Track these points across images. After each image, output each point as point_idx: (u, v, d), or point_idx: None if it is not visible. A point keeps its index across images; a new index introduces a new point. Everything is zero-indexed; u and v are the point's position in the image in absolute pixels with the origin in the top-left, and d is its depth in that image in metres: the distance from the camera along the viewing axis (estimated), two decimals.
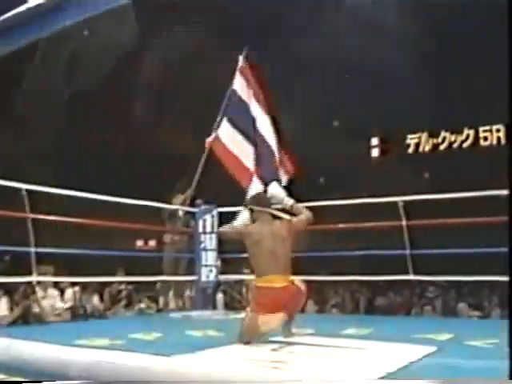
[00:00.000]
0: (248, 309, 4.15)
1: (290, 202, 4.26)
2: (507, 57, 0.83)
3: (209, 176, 7.53)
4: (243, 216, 4.18)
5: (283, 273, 4.05)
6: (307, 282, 4.25)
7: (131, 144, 13.21)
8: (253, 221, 4.15)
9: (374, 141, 16.12)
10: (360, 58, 14.38)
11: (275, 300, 3.95)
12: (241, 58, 7.24)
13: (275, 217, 4.22)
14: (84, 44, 12.95)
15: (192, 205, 7.40)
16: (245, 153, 6.99)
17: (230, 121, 7.09)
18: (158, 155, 12.74)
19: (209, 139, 7.12)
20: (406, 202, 6.08)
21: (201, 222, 7.20)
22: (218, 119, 7.12)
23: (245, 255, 4.27)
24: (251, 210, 4.18)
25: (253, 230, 4.12)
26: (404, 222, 6.01)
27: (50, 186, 5.77)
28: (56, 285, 6.13)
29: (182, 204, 7.39)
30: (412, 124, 14.91)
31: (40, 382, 1.21)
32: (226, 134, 7.07)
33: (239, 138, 7.03)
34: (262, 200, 4.26)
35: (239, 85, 7.18)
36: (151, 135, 13.13)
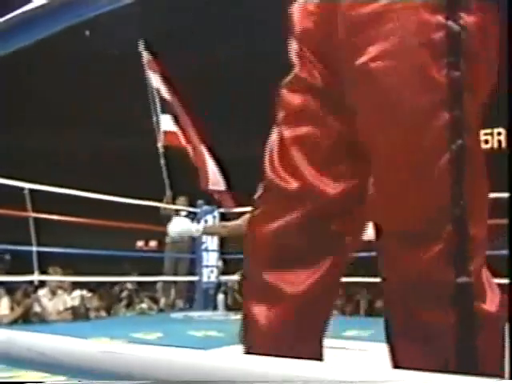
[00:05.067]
0: None
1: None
2: (506, 58, 0.84)
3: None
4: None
5: None
6: None
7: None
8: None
9: None
10: None
11: None
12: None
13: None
14: None
15: (193, 205, 7.40)
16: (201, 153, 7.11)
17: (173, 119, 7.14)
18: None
19: (159, 138, 7.17)
20: None
21: (202, 223, 7.20)
22: (155, 118, 7.17)
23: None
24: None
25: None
26: None
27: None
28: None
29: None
30: None
31: (41, 382, 1.21)
32: (174, 127, 7.13)
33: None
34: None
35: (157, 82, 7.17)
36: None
